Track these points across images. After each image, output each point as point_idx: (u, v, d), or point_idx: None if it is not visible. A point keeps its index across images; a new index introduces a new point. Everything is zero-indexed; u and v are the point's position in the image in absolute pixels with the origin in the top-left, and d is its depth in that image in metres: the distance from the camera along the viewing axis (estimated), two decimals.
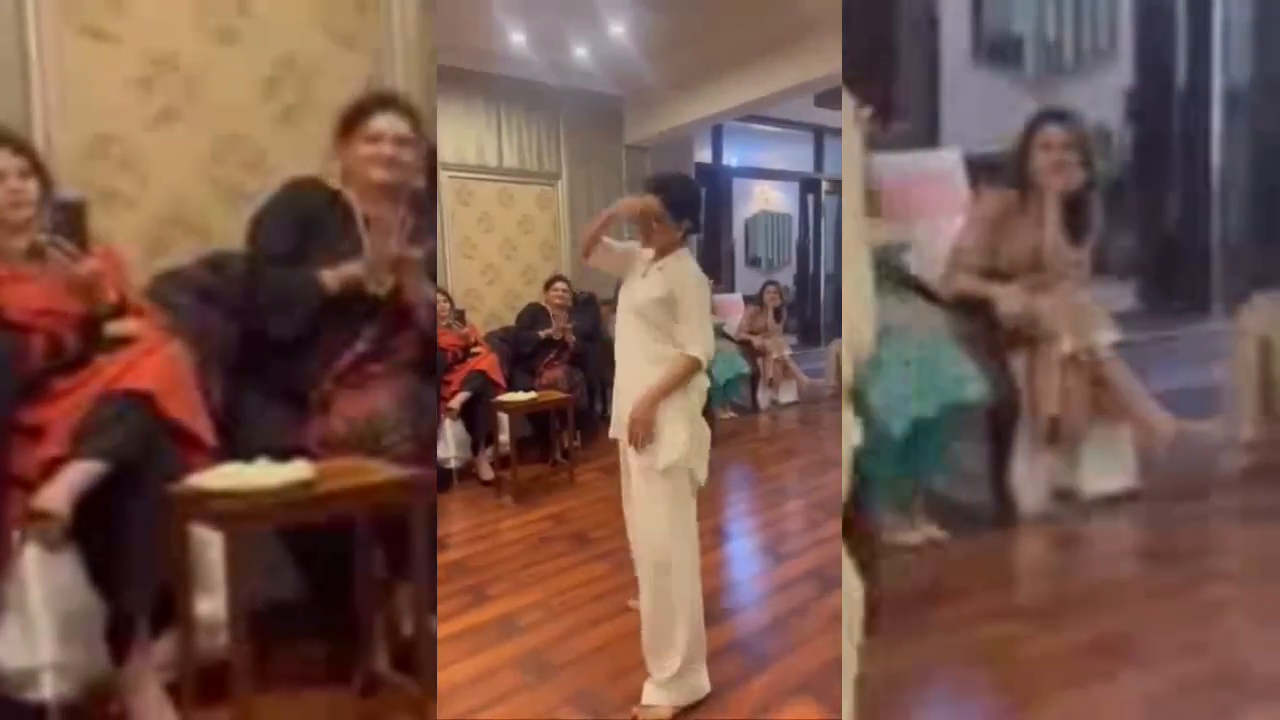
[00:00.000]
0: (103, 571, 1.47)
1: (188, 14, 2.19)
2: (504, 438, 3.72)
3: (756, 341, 5.68)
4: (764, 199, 8.31)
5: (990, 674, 1.45)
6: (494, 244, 5.11)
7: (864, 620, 1.42)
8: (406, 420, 1.76)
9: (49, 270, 1.60)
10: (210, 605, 1.50)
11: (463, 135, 4.83)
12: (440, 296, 4.07)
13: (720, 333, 5.63)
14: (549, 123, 5.25)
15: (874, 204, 2.19)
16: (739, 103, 4.76)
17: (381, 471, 1.53)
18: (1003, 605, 1.71)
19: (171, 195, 2.20)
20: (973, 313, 2.17)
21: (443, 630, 2.12)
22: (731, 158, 7.41)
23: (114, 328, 1.61)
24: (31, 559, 1.45)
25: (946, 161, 2.48)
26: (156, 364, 1.50)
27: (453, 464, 3.75)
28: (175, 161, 2.20)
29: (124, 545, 1.45)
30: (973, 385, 1.96)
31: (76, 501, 1.40)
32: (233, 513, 1.36)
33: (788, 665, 1.90)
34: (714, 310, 5.84)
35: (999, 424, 2.13)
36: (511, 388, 3.92)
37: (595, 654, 1.99)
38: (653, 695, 1.71)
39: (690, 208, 1.78)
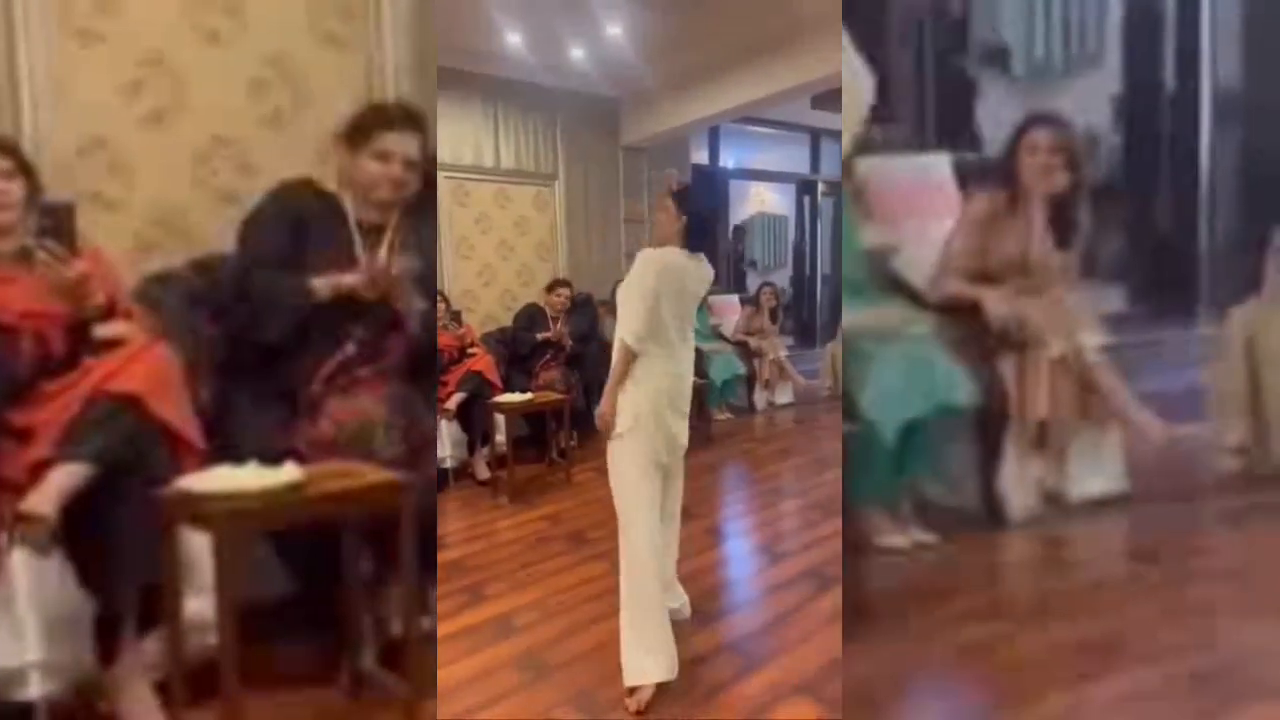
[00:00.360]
0: (91, 572, 1.47)
1: (176, 15, 2.17)
2: (500, 438, 3.73)
3: (753, 343, 5.69)
4: (760, 201, 8.31)
5: (978, 674, 1.46)
6: (491, 245, 5.11)
7: (854, 621, 1.43)
8: (397, 423, 1.77)
9: (37, 272, 1.59)
10: (199, 604, 1.50)
11: (460, 135, 4.84)
12: (437, 297, 4.09)
13: (716, 334, 5.65)
14: (546, 123, 5.25)
15: (864, 207, 2.20)
16: (736, 104, 4.76)
17: (370, 474, 1.53)
18: (991, 606, 1.71)
19: (160, 197, 2.19)
20: (962, 316, 2.17)
21: (440, 630, 2.13)
22: (728, 159, 7.41)
23: (102, 330, 1.61)
24: (18, 558, 1.45)
25: (935, 165, 2.49)
26: (145, 366, 1.50)
27: (449, 464, 3.76)
28: (164, 163, 2.19)
29: (112, 546, 1.45)
30: (961, 388, 1.97)
31: (64, 504, 1.41)
32: (222, 515, 1.36)
33: (785, 665, 1.91)
34: (710, 310, 5.87)
35: (988, 427, 2.13)
36: (508, 388, 3.94)
37: (592, 653, 1.99)
38: (629, 675, 1.77)
39: (687, 201, 1.88)
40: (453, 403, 3.73)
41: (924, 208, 2.37)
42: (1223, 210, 3.85)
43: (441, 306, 4.10)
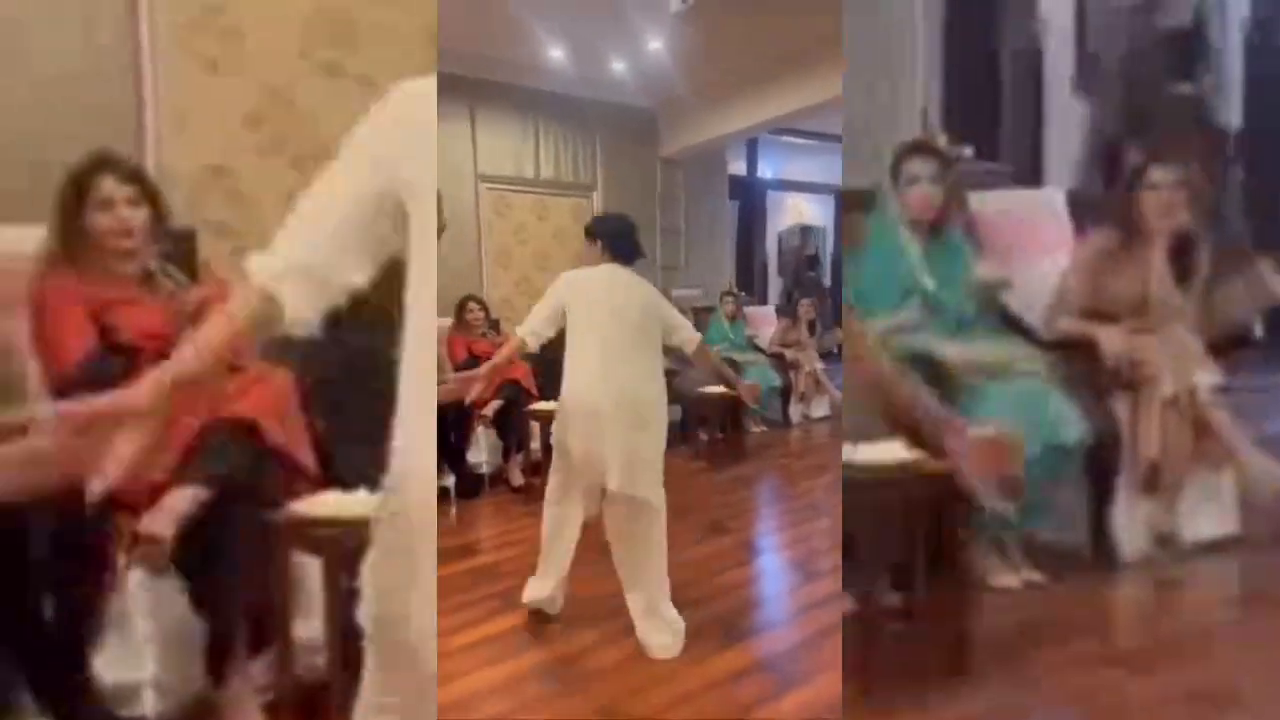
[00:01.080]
0: (203, 592, 1.49)
1: (295, 47, 2.22)
2: (535, 445, 3.77)
3: (789, 355, 5.64)
4: (798, 211, 8.29)
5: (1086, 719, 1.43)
6: (529, 255, 5.15)
7: (954, 660, 1.43)
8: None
9: (160, 296, 1.63)
10: (308, 627, 1.54)
11: (500, 147, 4.88)
12: (476, 305, 4.14)
13: (752, 345, 5.63)
14: (584, 135, 5.28)
15: (976, 240, 2.19)
16: (773, 115, 4.78)
17: None
18: (1101, 650, 1.69)
19: (277, 226, 2.22)
20: (1075, 353, 2.13)
21: (471, 635, 2.12)
22: (765, 170, 7.41)
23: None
24: (135, 577, 1.48)
25: (1049, 200, 2.43)
26: (263, 392, 1.54)
27: (485, 469, 3.79)
28: (280, 193, 2.19)
29: (225, 568, 1.47)
30: (1073, 427, 1.94)
31: (181, 526, 1.44)
32: (332, 539, 1.41)
33: (818, 686, 1.84)
34: (747, 321, 5.77)
35: (1100, 466, 2.08)
36: (543, 396, 3.97)
37: (622, 664, 1.96)
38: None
39: (598, 227, 2.24)
40: (490, 410, 3.77)
41: (1037, 243, 2.33)
42: None
43: (481, 315, 4.15)
